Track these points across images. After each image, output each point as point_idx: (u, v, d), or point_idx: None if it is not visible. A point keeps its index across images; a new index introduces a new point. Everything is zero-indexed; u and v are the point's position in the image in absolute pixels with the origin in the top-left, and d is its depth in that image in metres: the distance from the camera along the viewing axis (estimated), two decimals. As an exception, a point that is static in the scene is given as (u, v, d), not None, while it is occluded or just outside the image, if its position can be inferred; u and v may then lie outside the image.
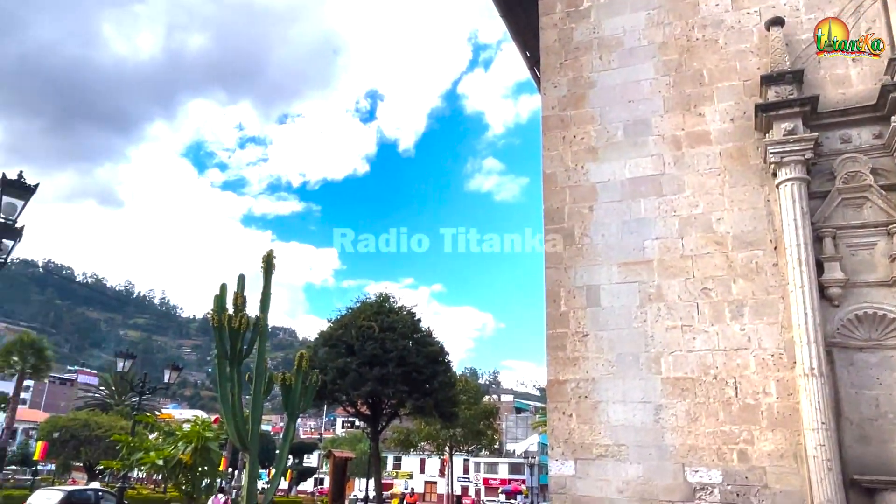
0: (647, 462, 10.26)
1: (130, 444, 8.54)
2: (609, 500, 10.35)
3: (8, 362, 45.42)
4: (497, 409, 35.70)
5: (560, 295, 11.70)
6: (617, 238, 11.43)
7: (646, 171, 11.51)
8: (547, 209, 12.29)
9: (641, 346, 10.79)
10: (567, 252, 11.81)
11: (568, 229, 11.95)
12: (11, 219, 7.69)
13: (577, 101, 12.48)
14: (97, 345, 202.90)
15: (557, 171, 12.38)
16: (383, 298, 19.99)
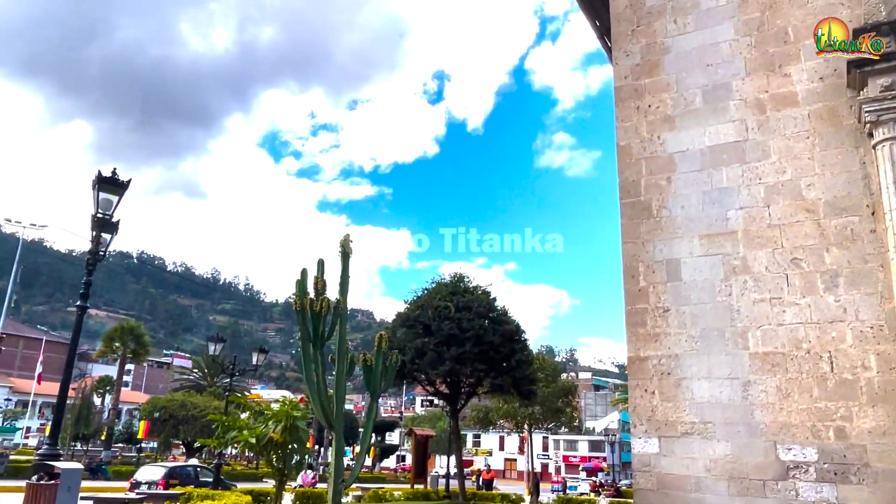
0: (735, 440, 9.93)
1: (225, 423, 8.99)
2: (696, 479, 10.10)
3: (111, 348, 48.90)
4: (575, 386, 35.37)
5: (638, 270, 11.41)
6: (697, 209, 11.01)
7: (727, 137, 10.99)
8: (622, 182, 11.96)
9: (727, 320, 10.40)
10: (644, 226, 11.48)
11: (645, 202, 11.60)
12: (108, 214, 8.17)
13: (651, 68, 12.04)
14: (189, 330, 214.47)
15: (632, 143, 12.01)
16: (458, 278, 20.09)
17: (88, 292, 8.28)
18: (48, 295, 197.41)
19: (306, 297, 9.97)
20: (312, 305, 9.89)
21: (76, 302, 8.88)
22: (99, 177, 8.01)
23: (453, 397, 20.22)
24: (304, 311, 9.87)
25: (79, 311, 8.23)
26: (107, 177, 8.04)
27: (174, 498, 12.21)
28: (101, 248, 8.28)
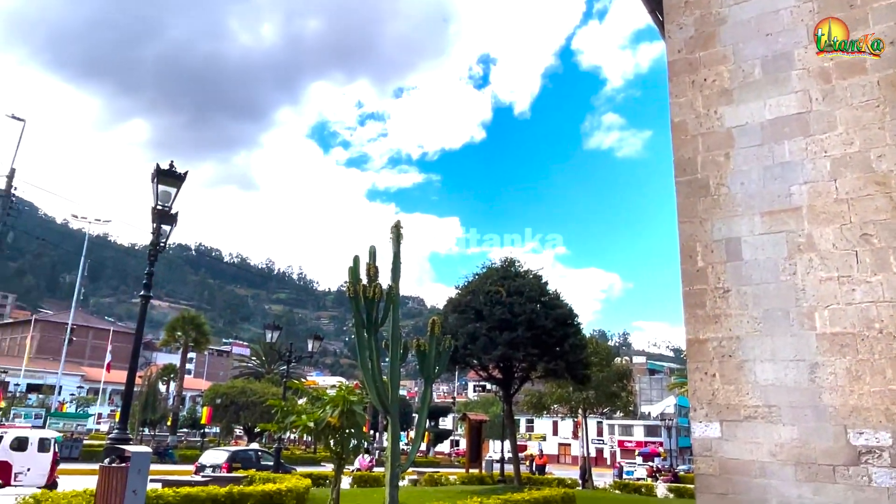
0: (802, 424, 9.57)
1: (284, 409, 9.17)
2: (760, 464, 9.80)
3: (173, 337, 50.75)
4: (630, 370, 34.82)
5: (696, 250, 11.08)
6: (758, 186, 10.60)
7: (789, 109, 10.52)
8: (677, 160, 11.60)
9: (791, 300, 10.00)
10: (702, 204, 11.13)
11: (702, 180, 11.23)
12: (167, 205, 8.40)
13: (706, 40, 11.62)
14: (246, 319, 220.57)
15: (687, 119, 11.63)
16: (509, 263, 19.94)
17: (151, 283, 8.55)
18: (114, 287, 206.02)
19: (359, 283, 10.05)
20: (366, 292, 9.96)
21: (140, 293, 9.21)
22: (157, 170, 8.24)
23: (506, 382, 20.17)
24: (357, 297, 9.95)
25: (143, 301, 8.51)
26: (165, 169, 8.26)
27: (238, 481, 12.59)
28: (162, 240, 8.53)
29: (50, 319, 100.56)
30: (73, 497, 7.49)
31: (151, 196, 8.71)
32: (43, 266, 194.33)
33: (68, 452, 30.51)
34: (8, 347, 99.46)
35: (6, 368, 67.06)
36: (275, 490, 10.66)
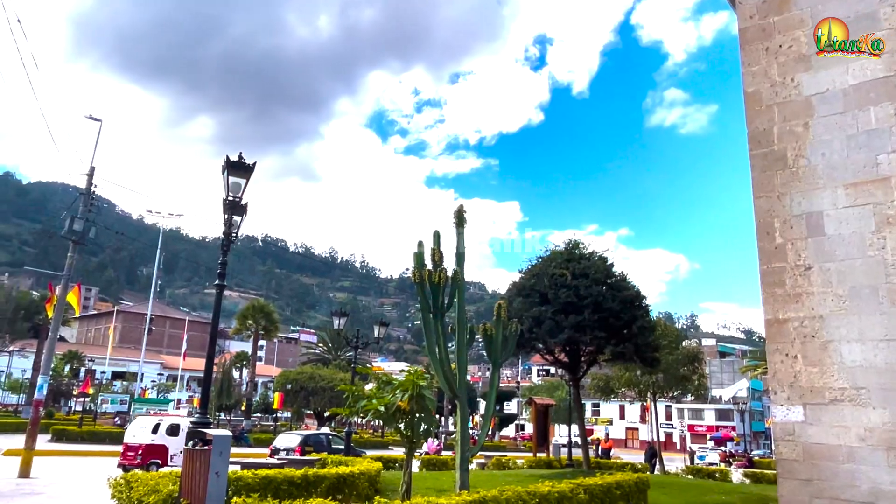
0: (894, 407, 9.04)
1: (355, 393, 9.31)
2: (848, 449, 9.32)
3: (245, 325, 52.59)
4: (701, 353, 33.84)
5: (774, 226, 10.58)
6: (841, 156, 10.01)
7: (875, 73, 9.87)
8: (751, 132, 11.08)
9: (880, 276, 9.43)
10: (779, 178, 10.60)
11: (779, 152, 10.69)
12: (237, 196, 8.62)
13: (780, 4, 11.01)
14: (312, 307, 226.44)
15: (762, 88, 11.07)
16: (573, 245, 19.61)
17: (225, 272, 8.80)
18: (187, 279, 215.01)
19: (424, 269, 10.07)
20: (431, 277, 9.98)
21: (212, 284, 9.50)
22: (227, 161, 8.46)
23: (573, 366, 19.93)
24: (422, 282, 9.98)
25: (217, 289, 8.78)
26: (234, 161, 8.47)
27: (311, 463, 12.92)
28: (233, 230, 8.76)
29: (130, 310, 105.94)
30: (160, 478, 7.84)
31: (222, 188, 8.94)
32: (122, 260, 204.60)
33: (152, 436, 32.14)
34: (93, 337, 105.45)
35: (93, 357, 71.11)
36: (347, 473, 10.86)
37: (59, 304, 18.43)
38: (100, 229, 21.10)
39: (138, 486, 7.52)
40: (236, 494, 7.70)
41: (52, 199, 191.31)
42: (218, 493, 6.68)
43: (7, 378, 61.60)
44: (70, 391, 62.38)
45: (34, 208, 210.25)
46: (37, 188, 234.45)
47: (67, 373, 63.79)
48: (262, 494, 7.36)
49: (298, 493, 9.30)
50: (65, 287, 18.39)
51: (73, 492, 12.94)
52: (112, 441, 30.44)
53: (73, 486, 14.17)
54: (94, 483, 12.53)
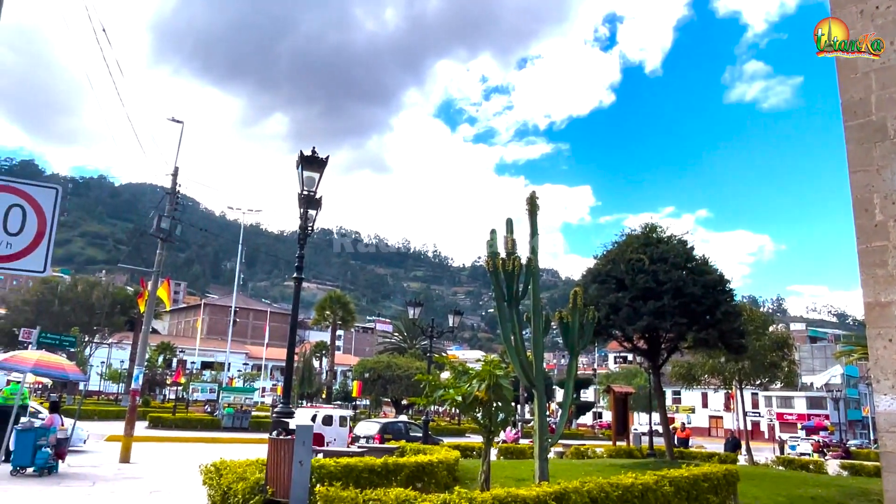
0: None
1: (432, 383, 9.33)
2: (963, 441, 8.60)
3: (323, 316, 54.07)
4: (791, 338, 32.20)
5: (873, 202, 9.84)
6: (950, 123, 9.18)
7: None
8: (846, 102, 10.32)
9: None
10: (879, 150, 9.84)
11: (878, 122, 9.92)
12: (312, 190, 8.75)
13: (877, -38, 10.19)
14: (387, 297, 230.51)
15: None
16: (650, 229, 18.94)
17: (302, 264, 8.99)
18: (267, 272, 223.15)
19: (497, 257, 9.95)
20: (504, 265, 9.84)
21: (291, 276, 9.76)
22: (301, 156, 8.60)
23: (653, 353, 19.34)
24: (496, 271, 9.86)
25: (296, 282, 8.98)
26: (308, 155, 8.61)
27: (390, 451, 13.11)
28: (309, 223, 8.92)
29: (216, 303, 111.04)
30: (247, 466, 8.12)
31: (297, 183, 9.12)
32: (206, 255, 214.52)
33: (239, 423, 33.57)
34: (183, 329, 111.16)
35: (183, 348, 74.98)
36: (426, 461, 10.94)
37: (151, 298, 19.43)
38: (185, 226, 22.09)
39: (227, 473, 7.80)
40: (319, 482, 7.87)
41: (142, 199, 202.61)
42: (302, 481, 6.84)
43: (108, 368, 65.84)
44: (164, 380, 66.05)
45: (126, 208, 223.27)
46: (127, 189, 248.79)
47: (161, 363, 67.57)
48: (345, 483, 7.48)
49: (379, 481, 9.43)
50: (155, 282, 19.36)
51: (169, 477, 13.65)
52: (203, 428, 31.98)
53: (169, 471, 14.95)
54: (188, 469, 13.18)
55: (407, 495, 6.43)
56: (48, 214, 4.39)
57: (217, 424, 33.32)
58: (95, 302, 60.92)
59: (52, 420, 13.03)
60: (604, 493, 7.83)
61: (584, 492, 7.54)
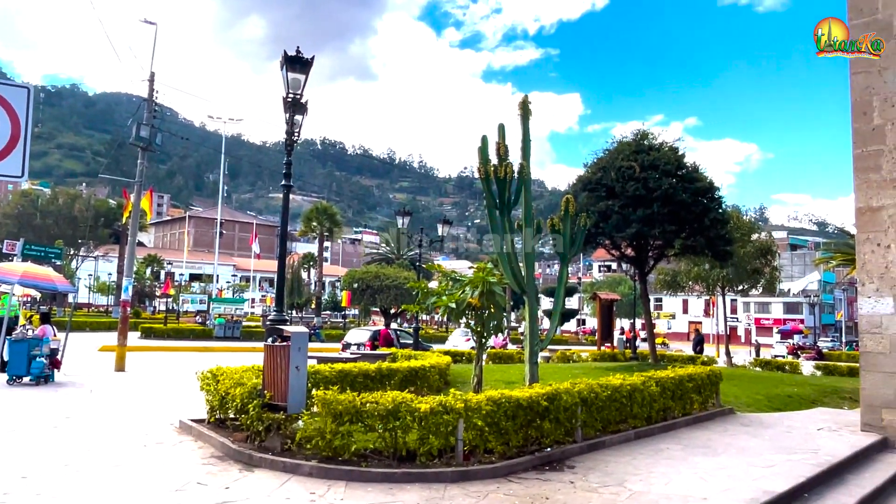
0: None
1: (425, 290, 9.36)
2: (941, 341, 8.87)
3: (310, 227, 53.90)
4: (774, 246, 32.69)
5: (872, 105, 9.67)
6: (959, 21, 8.87)
7: None
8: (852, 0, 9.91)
9: None
10: (883, 51, 9.54)
11: (883, 21, 9.58)
12: (298, 93, 8.39)
13: None
14: (372, 208, 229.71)
15: (867, -52, 9.79)
16: (642, 136, 18.66)
17: (290, 171, 8.75)
18: (251, 184, 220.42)
19: (489, 164, 9.76)
20: (496, 172, 9.68)
21: (276, 188, 9.54)
22: (285, 56, 8.18)
23: (640, 261, 19.57)
24: (488, 178, 9.71)
25: (284, 189, 8.77)
26: (292, 56, 8.19)
27: (382, 357, 13.37)
28: (295, 129, 8.61)
29: (201, 216, 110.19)
30: (244, 372, 8.22)
31: (281, 86, 8.73)
32: (189, 167, 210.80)
33: (230, 333, 34.14)
34: (169, 242, 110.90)
35: (170, 260, 75.05)
36: (419, 366, 11.20)
37: (135, 209, 19.13)
38: (165, 136, 21.45)
39: (224, 379, 7.90)
40: (315, 387, 8.02)
41: (119, 108, 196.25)
42: (299, 385, 6.93)
43: (96, 281, 65.98)
44: (153, 292, 66.50)
45: (102, 119, 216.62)
46: (103, 99, 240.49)
47: (149, 276, 67.75)
48: (341, 387, 7.62)
49: (373, 385, 9.65)
50: (138, 193, 19.00)
51: (165, 385, 13.90)
52: (195, 337, 32.50)
53: (165, 379, 15.21)
54: (184, 376, 13.40)
55: (404, 397, 6.56)
56: (21, 116, 4.14)
57: (209, 334, 33.85)
58: (78, 215, 60.17)
59: (45, 331, 13.06)
60: (594, 394, 8.06)
61: (574, 392, 7.75)
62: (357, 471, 6.23)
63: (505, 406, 6.85)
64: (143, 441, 7.66)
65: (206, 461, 6.78)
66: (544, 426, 7.28)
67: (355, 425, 6.47)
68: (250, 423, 7.00)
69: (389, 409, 6.39)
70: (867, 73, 9.72)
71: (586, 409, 7.90)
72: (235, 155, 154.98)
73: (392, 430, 6.44)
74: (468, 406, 6.60)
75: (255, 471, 6.42)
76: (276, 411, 6.90)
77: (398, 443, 6.52)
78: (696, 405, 10.38)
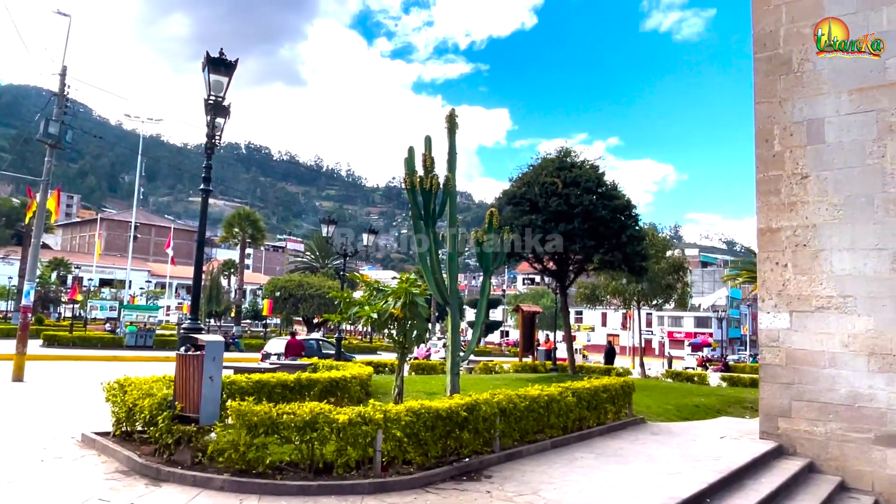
0: (879, 314, 9.20)
1: (347, 300, 9.28)
2: (830, 354, 9.56)
3: (231, 233, 52.30)
4: (686, 262, 34.37)
5: (773, 133, 10.36)
6: (849, 60, 9.66)
7: (892, -30, 9.39)
8: (757, 34, 10.63)
9: (877, 185, 9.35)
10: (783, 82, 10.28)
11: (784, 55, 10.31)
12: (220, 96, 8.18)
13: None
14: (298, 215, 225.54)
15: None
16: (565, 153, 19.28)
17: (210, 176, 8.50)
18: (170, 186, 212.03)
19: (415, 175, 9.83)
20: (422, 183, 9.75)
21: (195, 191, 9.22)
22: (207, 57, 7.96)
23: (561, 274, 20.10)
24: (414, 189, 9.77)
25: (203, 194, 8.51)
26: (215, 57, 7.97)
27: (303, 368, 13.13)
28: (217, 133, 8.39)
29: (114, 218, 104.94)
30: (154, 382, 7.87)
31: (203, 88, 8.48)
32: (103, 167, 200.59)
33: (142, 341, 32.56)
34: (78, 245, 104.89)
35: (79, 264, 71.00)
36: (340, 377, 11.06)
37: (40, 209, 18.03)
38: (77, 134, 20.35)
39: (132, 389, 7.56)
40: (231, 398, 7.78)
41: (26, 102, 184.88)
42: (213, 396, 6.72)
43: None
44: (58, 298, 62.61)
45: (7, 112, 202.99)
46: (9, 91, 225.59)
47: (54, 280, 63.80)
48: (257, 398, 7.44)
49: (292, 396, 9.46)
50: (44, 192, 17.93)
51: (68, 396, 13.13)
52: (104, 346, 30.82)
53: (68, 390, 14.36)
54: (88, 386, 12.70)
55: (322, 408, 6.47)
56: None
57: (119, 343, 32.19)
58: (-24, 213, 56.13)
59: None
60: (512, 404, 8.20)
61: (493, 403, 7.86)
62: (271, 484, 6.08)
63: (424, 417, 6.88)
64: (41, 456, 7.21)
65: (110, 476, 6.45)
66: (463, 436, 7.35)
67: (271, 437, 6.33)
68: (159, 436, 6.72)
69: (307, 421, 6.29)
70: (769, 103, 10.42)
71: (505, 420, 8.03)
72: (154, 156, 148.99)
73: (309, 441, 6.34)
74: (387, 417, 6.59)
75: (162, 486, 6.16)
76: (187, 423, 6.65)
77: (315, 455, 6.42)
78: (610, 415, 10.73)
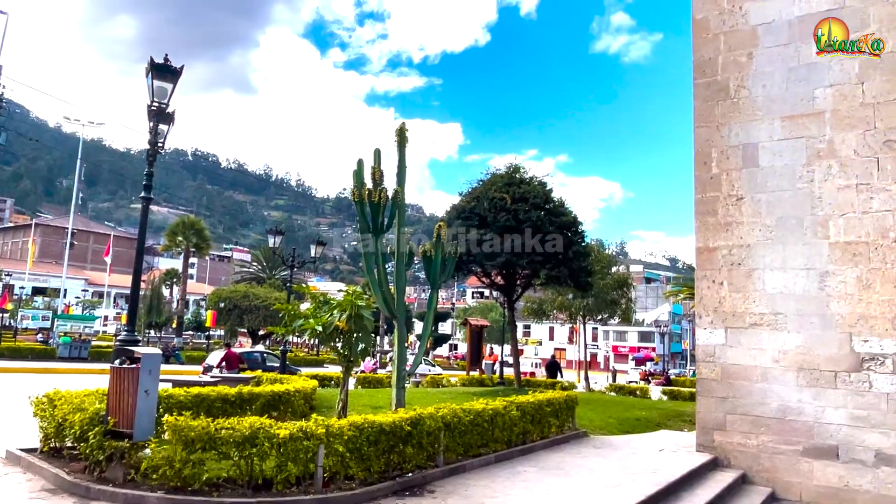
0: (808, 331, 9.63)
1: (292, 312, 9.15)
2: (762, 369, 9.95)
3: (174, 242, 50.93)
4: (630, 279, 35.25)
5: (711, 156, 10.77)
6: (781, 88, 10.16)
7: (820, 5, 9.96)
8: (697, 60, 11.07)
9: (806, 208, 9.82)
10: (720, 108, 10.72)
11: (721, 82, 10.76)
12: (164, 103, 8.00)
13: (735, -72, 10.81)
14: (245, 225, 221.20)
15: (710, 16, 11.00)
16: (514, 169, 19.58)
17: (151, 184, 8.29)
18: (111, 192, 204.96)
19: (364, 187, 9.80)
20: (371, 196, 9.73)
21: (138, 197, 8.98)
22: (151, 63, 7.78)
23: (509, 289, 20.32)
24: (362, 201, 9.74)
25: (144, 202, 8.28)
26: (159, 63, 7.80)
27: (246, 381, 12.84)
28: (160, 139, 8.19)
29: (50, 224, 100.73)
30: (85, 396, 7.58)
31: (147, 93, 8.29)
32: (39, 170, 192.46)
33: (77, 353, 31.25)
34: (10, 251, 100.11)
35: (10, 271, 67.78)
36: (283, 390, 10.86)
37: (-31, 214, 17.19)
38: (12, 136, 19.49)
39: (62, 404, 7.26)
40: (168, 412, 7.55)
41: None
42: (148, 410, 6.51)
43: (-85, 292, 58.09)
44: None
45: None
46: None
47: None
48: (195, 412, 7.24)
49: (233, 410, 9.24)
50: (-26, 196, 17.13)
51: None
52: (35, 357, 29.45)
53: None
54: (14, 400, 12.09)
55: (262, 423, 6.35)
56: None
57: (52, 354, 30.81)
58: None
59: None
60: (457, 418, 8.22)
61: (438, 417, 7.86)
62: (208, 501, 5.92)
63: (368, 431, 6.83)
64: (-40, 474, 6.83)
65: (35, 495, 6.16)
66: (407, 451, 7.32)
67: (209, 453, 6.16)
68: (90, 452, 6.46)
69: (246, 436, 6.16)
70: (707, 128, 10.84)
71: (449, 434, 8.04)
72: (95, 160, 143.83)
73: (248, 457, 6.20)
74: (330, 432, 6.51)
75: (92, 504, 5.92)
76: (120, 439, 6.42)
77: (254, 471, 6.28)
78: (553, 429, 10.87)
